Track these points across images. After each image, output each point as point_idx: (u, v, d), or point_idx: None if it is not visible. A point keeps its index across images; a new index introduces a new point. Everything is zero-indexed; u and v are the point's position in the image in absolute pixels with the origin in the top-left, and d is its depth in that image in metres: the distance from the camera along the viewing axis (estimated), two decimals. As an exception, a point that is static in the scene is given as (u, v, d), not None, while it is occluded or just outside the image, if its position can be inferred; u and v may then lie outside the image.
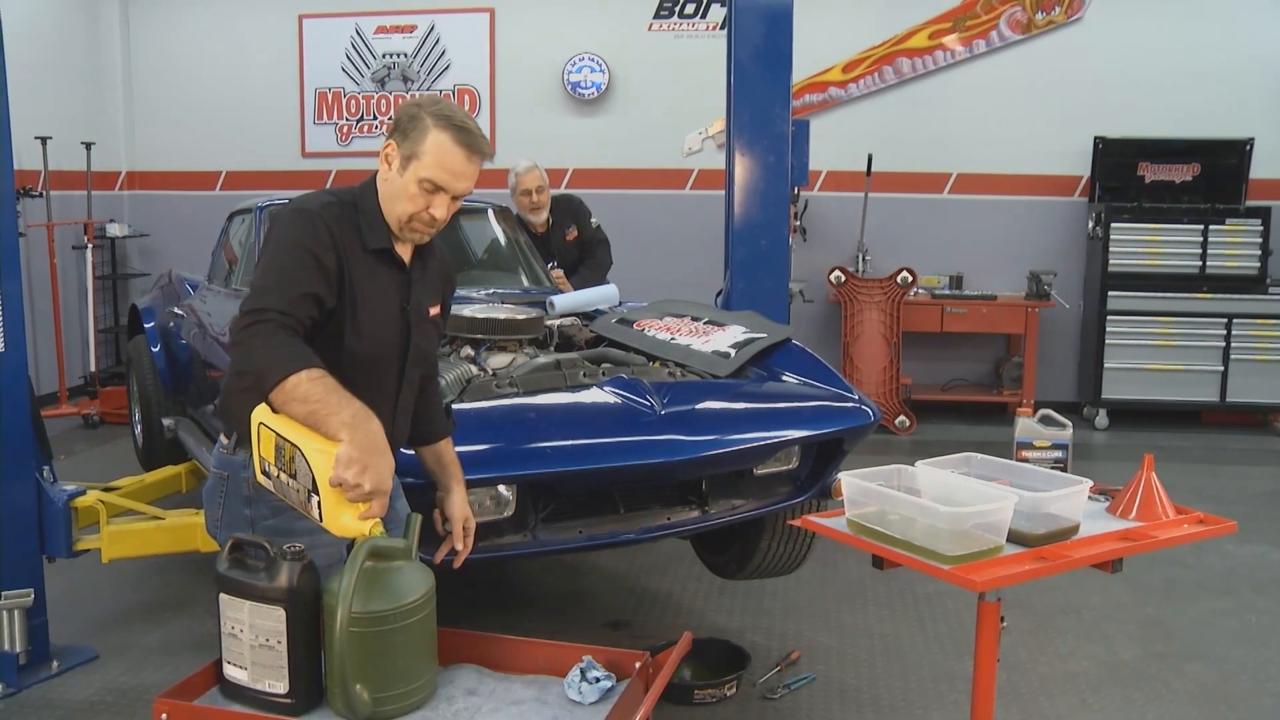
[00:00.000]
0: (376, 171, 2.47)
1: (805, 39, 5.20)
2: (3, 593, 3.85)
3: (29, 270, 3.95)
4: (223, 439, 2.53)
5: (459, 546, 2.62)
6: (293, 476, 2.14)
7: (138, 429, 6.50)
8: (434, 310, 2.62)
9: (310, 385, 2.12)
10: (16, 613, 3.86)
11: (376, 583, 2.10)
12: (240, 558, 2.17)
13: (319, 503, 2.09)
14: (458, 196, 2.42)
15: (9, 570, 3.89)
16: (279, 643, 2.11)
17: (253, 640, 2.13)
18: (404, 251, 2.51)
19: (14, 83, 3.86)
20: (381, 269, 2.45)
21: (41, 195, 7.97)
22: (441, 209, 2.40)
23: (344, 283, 2.36)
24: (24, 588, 3.89)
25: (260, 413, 2.20)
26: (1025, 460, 3.09)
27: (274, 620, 2.11)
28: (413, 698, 2.15)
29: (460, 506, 2.65)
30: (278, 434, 2.15)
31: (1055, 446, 3.16)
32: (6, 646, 3.86)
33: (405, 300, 2.51)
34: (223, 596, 2.17)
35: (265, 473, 2.23)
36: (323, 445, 2.09)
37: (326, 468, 2.06)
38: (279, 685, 2.13)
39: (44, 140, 7.83)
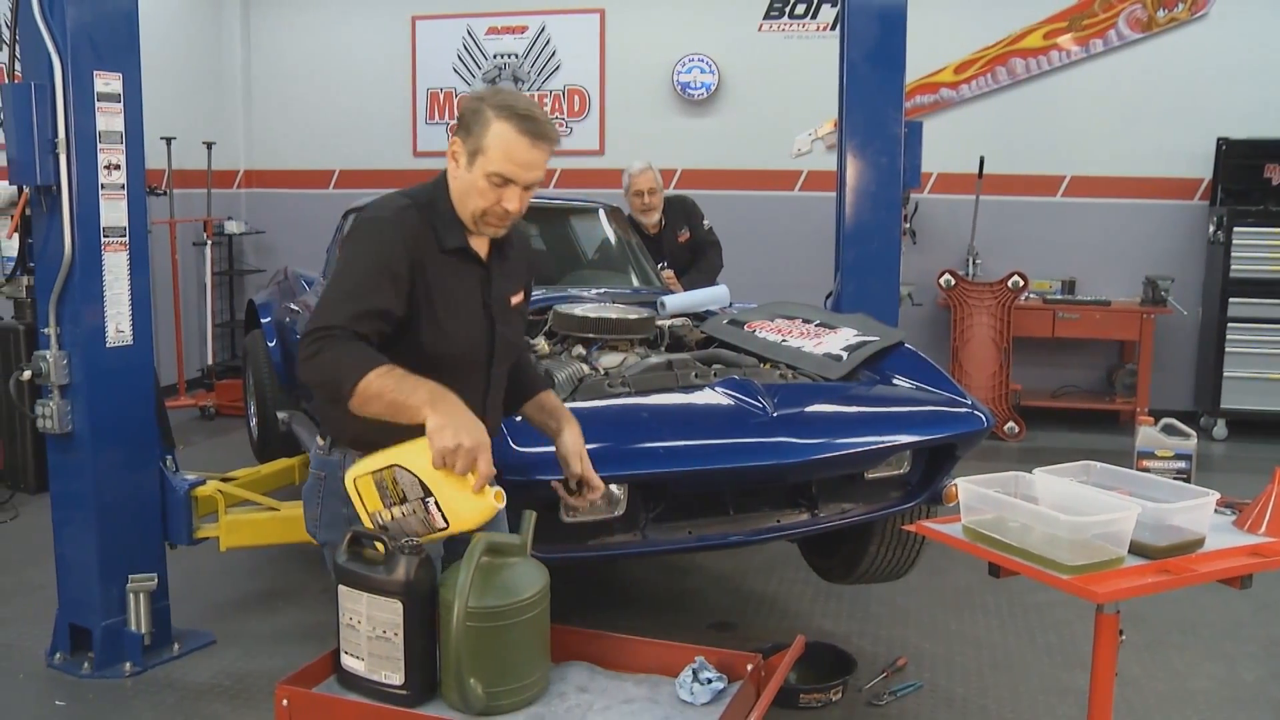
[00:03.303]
0: (446, 170, 2.47)
1: (917, 39, 5.13)
2: (130, 576, 3.99)
3: (153, 266, 4.09)
4: (319, 439, 2.56)
5: (578, 471, 2.54)
6: (403, 501, 2.17)
7: (253, 421, 6.67)
8: (516, 299, 2.62)
9: (382, 380, 2.17)
10: (142, 596, 4.00)
11: (492, 578, 2.12)
12: (359, 550, 2.21)
13: (436, 503, 2.13)
14: (529, 186, 2.39)
15: (135, 555, 4.03)
16: (395, 635, 2.14)
17: (370, 632, 2.17)
18: (480, 245, 2.50)
19: (145, 86, 3.99)
20: (460, 267, 2.45)
21: (165, 194, 8.24)
22: (514, 201, 2.38)
23: (421, 287, 2.37)
24: (148, 572, 4.03)
25: (350, 474, 2.25)
26: (1146, 470, 3.00)
27: (391, 613, 2.14)
28: (526, 693, 2.17)
29: (574, 442, 2.56)
30: (372, 472, 2.20)
31: (1178, 457, 3.06)
32: (133, 627, 4.01)
33: (486, 295, 2.50)
34: (341, 588, 2.21)
35: (380, 525, 2.23)
36: (411, 444, 2.14)
37: (424, 456, 2.11)
38: (395, 677, 2.16)
39: (169, 140, 8.10)
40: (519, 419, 2.78)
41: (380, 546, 2.15)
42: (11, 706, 3.85)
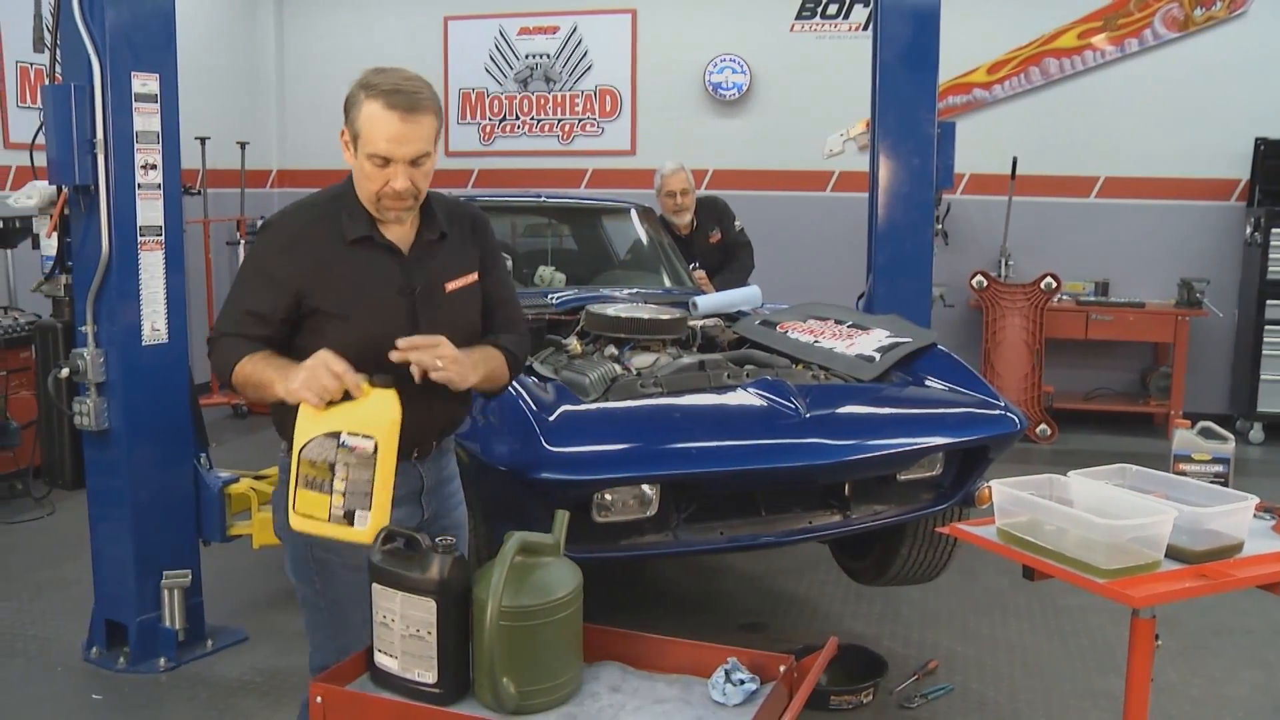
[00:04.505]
0: None
1: (950, 39, 5.10)
2: (164, 572, 4.02)
3: (187, 265, 4.12)
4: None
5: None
6: (331, 468, 2.25)
7: (285, 420, 6.69)
8: (457, 283, 2.52)
9: (244, 369, 2.37)
10: (176, 592, 4.04)
11: (526, 578, 2.12)
12: (393, 549, 2.22)
13: (349, 432, 2.24)
14: (415, 161, 2.33)
15: (169, 551, 4.07)
16: (429, 633, 2.15)
17: (403, 630, 2.17)
18: (396, 232, 2.46)
19: (180, 87, 4.03)
20: (368, 256, 2.43)
21: (199, 193, 8.29)
22: (400, 180, 2.33)
23: (316, 282, 2.40)
24: (182, 568, 4.06)
25: (292, 516, 2.33)
26: (1183, 473, 2.96)
27: (425, 611, 2.14)
28: (558, 692, 2.17)
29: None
30: (298, 487, 2.30)
31: (1216, 460, 3.02)
32: (167, 623, 4.04)
33: (404, 283, 2.46)
34: (375, 586, 2.22)
35: (340, 515, 2.29)
36: (296, 430, 2.29)
37: (306, 417, 2.26)
38: (428, 675, 2.16)
39: (203, 140, 8.15)
40: (552, 419, 2.78)
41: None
42: (49, 699, 3.89)
